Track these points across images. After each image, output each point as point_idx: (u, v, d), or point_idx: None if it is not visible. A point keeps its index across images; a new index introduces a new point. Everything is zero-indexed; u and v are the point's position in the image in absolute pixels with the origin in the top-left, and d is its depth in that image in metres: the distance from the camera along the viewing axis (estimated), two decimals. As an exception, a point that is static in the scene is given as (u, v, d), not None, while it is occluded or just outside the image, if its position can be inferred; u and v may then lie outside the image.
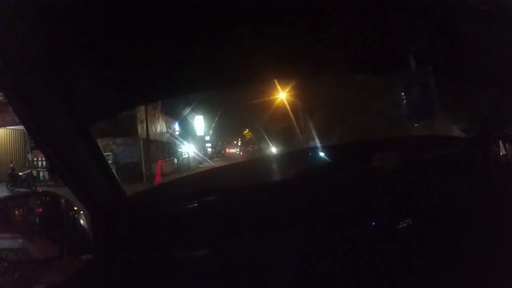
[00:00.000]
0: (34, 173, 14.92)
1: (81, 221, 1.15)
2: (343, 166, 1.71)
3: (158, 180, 13.42)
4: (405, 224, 1.33)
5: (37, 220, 1.37)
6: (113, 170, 1.25)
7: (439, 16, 1.20)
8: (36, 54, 0.93)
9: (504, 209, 1.42)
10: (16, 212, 1.27)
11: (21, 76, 0.88)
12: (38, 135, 0.93)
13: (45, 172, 15.20)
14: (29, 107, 0.90)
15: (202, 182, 1.85)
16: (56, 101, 0.99)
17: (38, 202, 1.28)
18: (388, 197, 1.39)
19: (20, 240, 1.28)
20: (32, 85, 0.92)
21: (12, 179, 13.46)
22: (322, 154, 2.06)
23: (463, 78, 1.95)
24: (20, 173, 14.12)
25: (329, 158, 1.90)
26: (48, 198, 1.19)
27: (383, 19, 1.24)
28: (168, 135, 23.59)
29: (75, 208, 1.15)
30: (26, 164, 16.31)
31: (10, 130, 16.18)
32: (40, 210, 1.27)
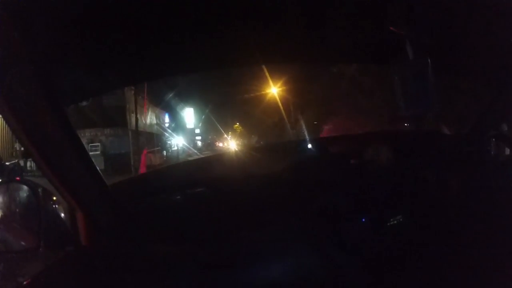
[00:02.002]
0: (22, 162, 14.69)
1: (59, 212, 1.10)
2: (334, 160, 1.68)
3: (142, 170, 13.24)
4: (395, 222, 1.31)
5: (16, 209, 1.32)
6: (102, 161, 1.20)
7: (439, 5, 1.17)
8: (14, 42, 0.87)
9: (497, 205, 1.41)
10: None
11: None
12: (13, 121, 0.88)
13: (32, 162, 14.98)
14: (6, 93, 0.85)
15: (187, 173, 1.81)
16: (34, 87, 0.94)
17: (16, 191, 1.22)
18: (380, 191, 1.36)
19: (-1, 230, 1.23)
20: (10, 72, 0.86)
21: (-1, 168, 13.27)
22: (313, 147, 2.02)
23: (459, 72, 1.93)
24: (7, 163, 13.91)
25: (321, 151, 1.87)
26: (25, 187, 1.13)
27: (381, 5, 1.21)
28: (157, 126, 23.44)
29: (54, 198, 1.10)
30: (14, 153, 16.05)
31: (-4, 119, 15.88)
32: (17, 199, 1.22)
